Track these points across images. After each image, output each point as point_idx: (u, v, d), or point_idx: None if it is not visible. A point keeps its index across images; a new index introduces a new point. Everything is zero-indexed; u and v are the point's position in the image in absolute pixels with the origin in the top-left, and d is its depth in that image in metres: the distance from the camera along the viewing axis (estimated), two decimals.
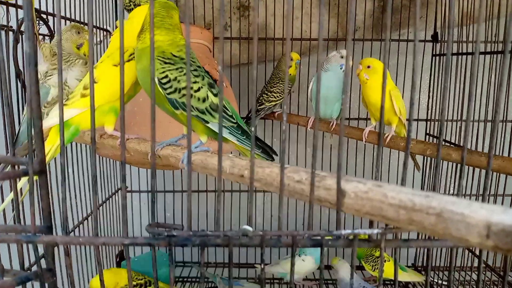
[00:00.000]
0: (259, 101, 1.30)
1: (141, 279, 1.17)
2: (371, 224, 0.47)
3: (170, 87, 0.62)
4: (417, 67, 1.08)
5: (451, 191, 1.37)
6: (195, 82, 0.63)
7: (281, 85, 1.28)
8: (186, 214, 0.49)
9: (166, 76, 0.62)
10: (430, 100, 1.47)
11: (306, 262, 1.29)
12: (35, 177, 0.48)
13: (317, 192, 0.47)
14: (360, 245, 0.48)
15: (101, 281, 0.49)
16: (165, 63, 0.63)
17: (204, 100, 0.63)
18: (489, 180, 0.47)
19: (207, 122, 0.64)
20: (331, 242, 0.47)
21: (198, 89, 0.63)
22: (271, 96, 1.28)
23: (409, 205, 0.40)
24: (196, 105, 0.63)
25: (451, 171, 1.38)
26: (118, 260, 1.47)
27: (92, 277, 1.19)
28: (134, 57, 0.73)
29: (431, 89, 1.46)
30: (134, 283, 1.15)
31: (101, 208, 1.31)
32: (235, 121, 0.66)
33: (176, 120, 0.69)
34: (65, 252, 0.49)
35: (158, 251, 1.44)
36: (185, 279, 1.50)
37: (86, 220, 1.17)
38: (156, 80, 0.62)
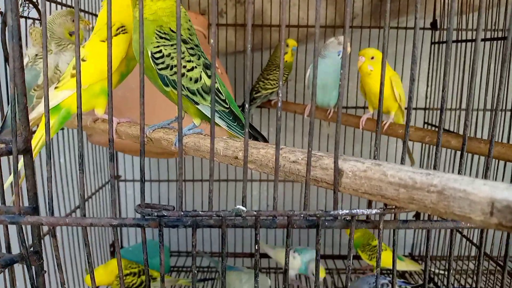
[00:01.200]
0: (255, 88, 1.28)
1: (135, 268, 1.16)
2: (369, 205, 0.45)
3: (162, 62, 0.60)
4: (416, 55, 1.05)
5: None
6: (189, 61, 0.61)
7: (277, 72, 1.26)
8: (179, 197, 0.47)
9: (160, 51, 0.60)
10: (429, 89, 1.45)
11: (295, 261, 1.24)
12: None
13: (313, 172, 0.45)
14: (358, 226, 0.46)
15: (89, 263, 0.47)
16: (161, 37, 0.61)
17: (196, 81, 0.61)
18: (491, 159, 0.45)
19: (197, 104, 0.62)
20: (328, 223, 0.46)
21: (192, 69, 0.61)
22: (268, 83, 1.26)
23: (410, 183, 0.38)
24: (187, 85, 0.61)
25: (449, 161, 1.37)
26: (112, 249, 1.45)
27: (86, 266, 1.18)
28: (121, 31, 0.71)
29: (430, 77, 1.44)
30: (128, 271, 1.14)
31: (94, 197, 1.30)
32: (227, 106, 0.64)
33: (170, 101, 0.67)
34: (51, 233, 0.47)
35: (153, 240, 1.43)
36: (180, 269, 1.49)
37: (78, 209, 1.15)
38: (149, 53, 0.60)
